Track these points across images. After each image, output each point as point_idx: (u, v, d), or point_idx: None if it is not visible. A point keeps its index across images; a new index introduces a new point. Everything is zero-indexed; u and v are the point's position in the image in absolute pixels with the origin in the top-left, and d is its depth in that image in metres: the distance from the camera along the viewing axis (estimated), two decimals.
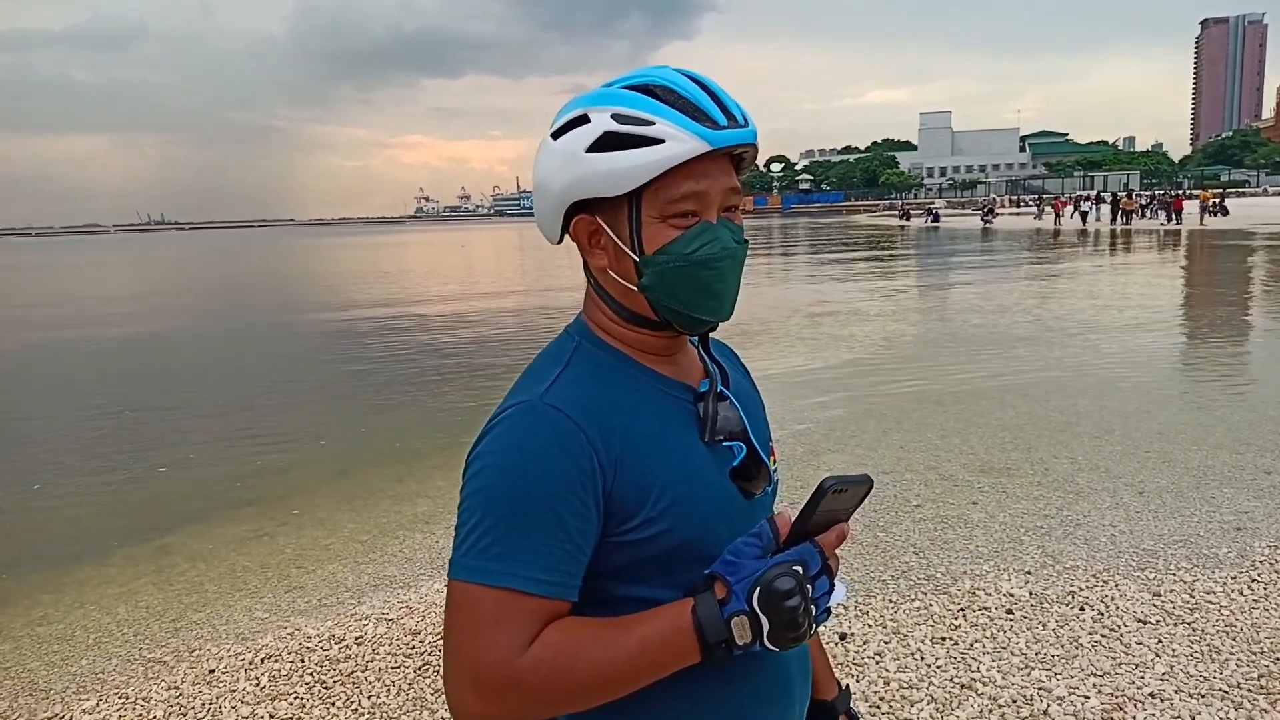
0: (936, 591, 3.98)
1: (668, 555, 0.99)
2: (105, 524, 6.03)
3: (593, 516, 0.96)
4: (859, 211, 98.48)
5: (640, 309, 1.05)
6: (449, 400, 9.69)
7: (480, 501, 0.95)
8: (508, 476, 0.94)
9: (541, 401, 0.98)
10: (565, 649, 0.92)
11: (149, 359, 14.26)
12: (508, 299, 21.46)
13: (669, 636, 0.93)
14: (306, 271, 40.68)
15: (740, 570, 0.93)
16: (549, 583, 0.93)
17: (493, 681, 0.90)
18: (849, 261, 28.86)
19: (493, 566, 0.92)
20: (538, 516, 0.93)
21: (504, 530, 0.93)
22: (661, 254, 1.00)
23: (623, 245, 1.02)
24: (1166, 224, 39.57)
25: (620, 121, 0.97)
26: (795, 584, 0.90)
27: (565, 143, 1.01)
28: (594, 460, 0.95)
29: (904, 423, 7.26)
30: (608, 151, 0.98)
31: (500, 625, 0.91)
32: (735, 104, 1.02)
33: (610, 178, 0.98)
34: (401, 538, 5.30)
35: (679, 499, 0.99)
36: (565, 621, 0.95)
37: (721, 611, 0.92)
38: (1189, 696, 3.01)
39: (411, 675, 3.48)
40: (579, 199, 1.02)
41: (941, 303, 16.73)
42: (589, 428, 0.96)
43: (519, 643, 0.91)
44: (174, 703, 3.39)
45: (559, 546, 0.93)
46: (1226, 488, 5.22)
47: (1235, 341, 11.27)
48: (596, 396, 1.00)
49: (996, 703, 3.04)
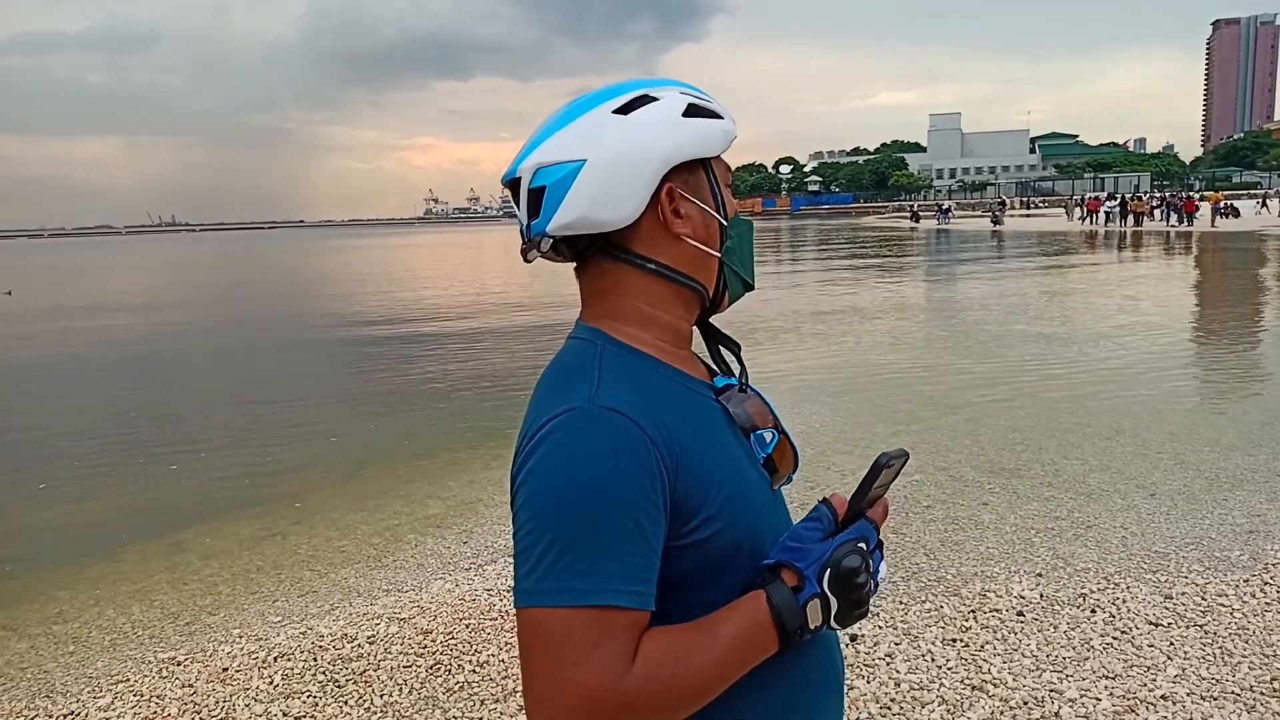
0: (947, 593, 3.98)
1: (726, 553, 0.97)
2: (118, 522, 6.07)
3: (663, 519, 0.92)
4: (868, 213, 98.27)
5: (707, 279, 1.08)
6: (459, 402, 9.71)
7: (551, 518, 0.89)
8: (579, 486, 0.88)
9: (597, 405, 0.93)
10: (667, 661, 0.88)
11: (158, 360, 14.33)
12: (517, 301, 21.49)
13: (752, 631, 0.92)
14: (316, 274, 40.81)
15: (808, 555, 0.94)
16: (639, 594, 0.89)
17: (603, 709, 0.85)
18: (858, 264, 28.81)
19: (580, 585, 0.86)
20: (617, 525, 0.88)
21: (586, 544, 0.87)
22: (740, 217, 1.10)
23: (709, 210, 1.06)
24: (1178, 226, 39.39)
25: (690, 95, 1.05)
26: (862, 560, 0.94)
27: (654, 111, 1.02)
28: (659, 462, 0.92)
29: (913, 424, 7.26)
30: (699, 119, 1.04)
31: (599, 648, 0.85)
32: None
33: (707, 140, 1.04)
34: (413, 540, 5.32)
35: (733, 495, 0.98)
36: (655, 632, 0.90)
37: (796, 598, 0.93)
38: (1201, 699, 3.01)
39: (423, 674, 3.50)
40: (682, 160, 1.03)
41: (951, 303, 16.68)
42: (650, 429, 0.93)
43: (622, 662, 0.86)
44: (188, 700, 3.42)
45: (641, 554, 0.89)
46: (1239, 490, 5.21)
47: (1248, 343, 11.22)
48: (645, 397, 0.97)
49: (1008, 704, 3.04)
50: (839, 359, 10.89)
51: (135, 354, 15.10)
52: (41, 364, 14.31)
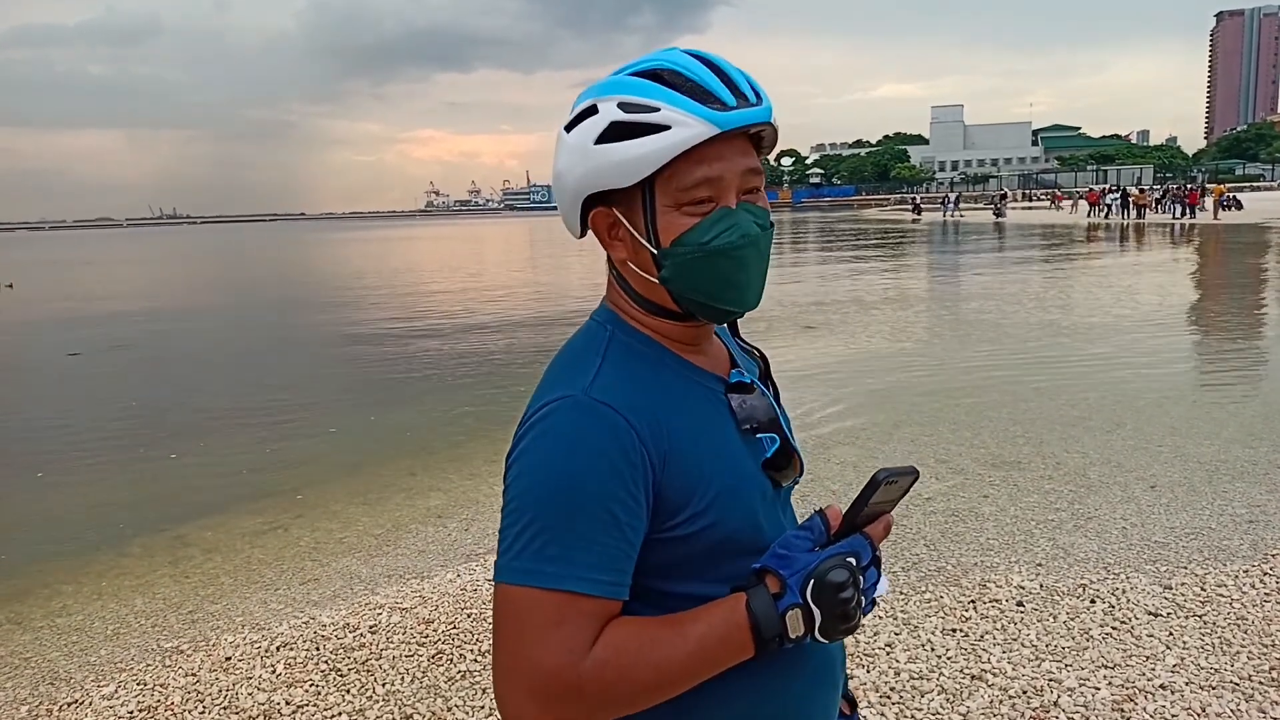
0: (947, 583, 4.00)
1: (713, 549, 0.98)
2: (121, 514, 6.09)
3: (643, 513, 0.93)
4: (870, 205, 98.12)
5: (663, 301, 1.02)
6: (460, 393, 9.73)
7: (531, 501, 0.91)
8: (560, 474, 0.91)
9: (588, 396, 0.94)
10: (627, 650, 0.90)
11: (159, 352, 14.35)
12: (518, 293, 21.49)
13: (725, 632, 0.91)
14: (317, 267, 40.81)
15: (793, 563, 0.92)
16: (607, 583, 0.91)
17: (556, 688, 0.87)
18: (860, 256, 28.78)
19: (549, 569, 0.89)
20: (593, 515, 0.90)
21: (559, 530, 0.90)
22: (678, 244, 0.97)
23: (639, 237, 0.99)
24: (1180, 218, 39.32)
25: (626, 110, 0.95)
26: (849, 576, 0.90)
27: (576, 136, 0.98)
28: (644, 457, 0.93)
29: (915, 416, 7.27)
30: (616, 142, 0.95)
31: (559, 628, 0.88)
32: (746, 81, 0.99)
33: (620, 169, 0.95)
34: (414, 530, 5.34)
35: (724, 491, 0.97)
36: (622, 621, 0.92)
37: (776, 606, 0.91)
38: (1200, 688, 3.02)
39: (425, 663, 3.51)
40: (592, 192, 0.99)
41: (953, 296, 16.68)
42: (638, 424, 0.94)
43: (580, 646, 0.88)
44: (191, 689, 3.44)
45: (615, 545, 0.91)
46: (1239, 481, 5.21)
47: (1249, 335, 11.22)
48: (640, 390, 0.97)
49: (1007, 693, 3.05)
50: (840, 350, 10.88)
51: (136, 346, 15.11)
52: (42, 357, 14.33)
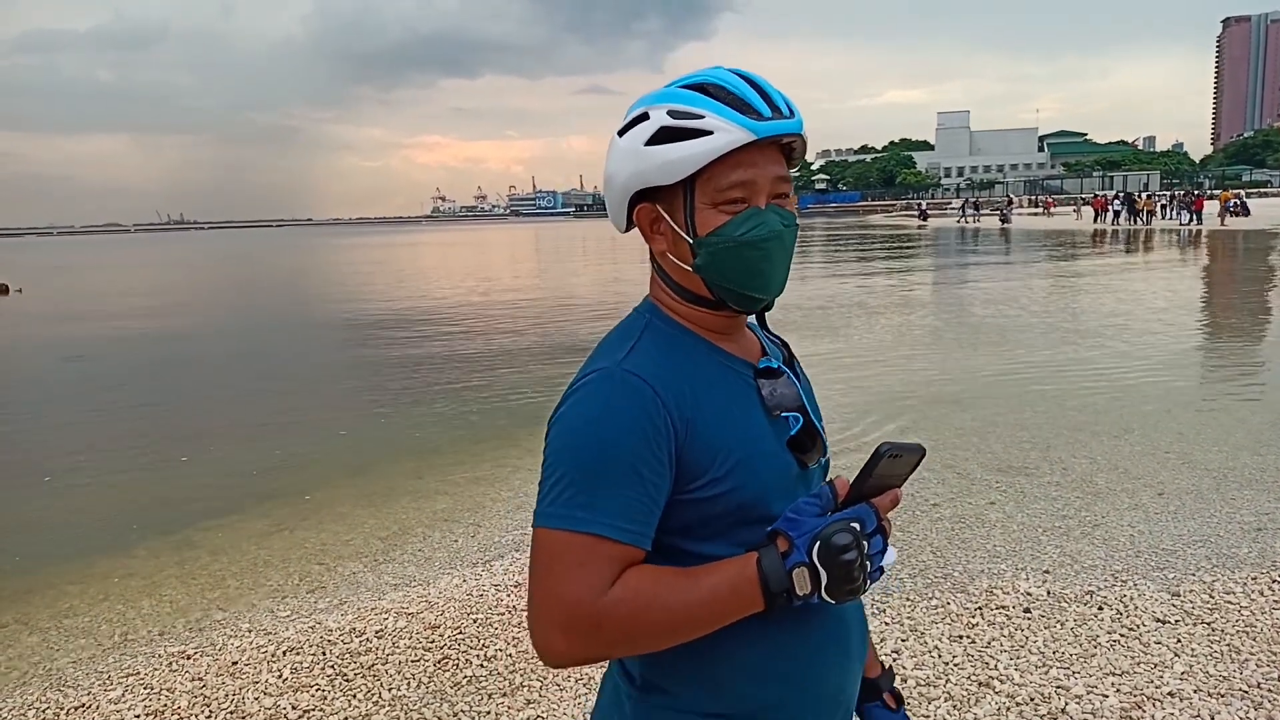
0: (954, 590, 3.99)
1: (730, 514, 1.08)
2: (128, 516, 6.10)
3: (666, 473, 1.05)
4: (875, 211, 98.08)
5: (697, 289, 1.14)
6: (468, 398, 9.74)
7: (566, 457, 1.04)
8: (591, 434, 1.04)
9: (620, 368, 1.08)
10: (643, 591, 1.01)
11: (168, 355, 14.39)
12: (525, 296, 21.52)
13: (736, 585, 1.02)
14: (325, 271, 40.90)
15: (801, 526, 1.02)
16: (627, 530, 1.02)
17: (577, 620, 1.00)
18: (865, 262, 28.76)
19: (578, 514, 1.01)
20: (618, 470, 1.02)
21: (588, 482, 1.02)
22: (713, 236, 1.09)
23: (679, 229, 1.12)
24: (1186, 224, 39.22)
25: (674, 117, 1.08)
26: (852, 539, 0.98)
27: (628, 139, 1.11)
28: (668, 422, 1.05)
29: (921, 421, 7.26)
30: (664, 144, 1.08)
31: (584, 568, 1.00)
32: (782, 98, 1.11)
33: (666, 168, 1.08)
34: (421, 534, 5.34)
35: (741, 462, 1.08)
36: (642, 568, 1.04)
37: (784, 563, 1.01)
38: (1208, 696, 3.01)
39: (431, 668, 3.52)
40: (639, 189, 1.13)
41: (958, 300, 16.65)
42: (664, 392, 1.06)
43: (601, 584, 1.00)
44: (198, 694, 3.44)
45: (636, 499, 1.03)
46: (1247, 489, 5.19)
47: (1256, 342, 11.18)
48: (668, 366, 1.10)
49: (1014, 700, 3.04)
50: (845, 355, 10.87)
51: (145, 349, 15.16)
52: (51, 360, 14.38)
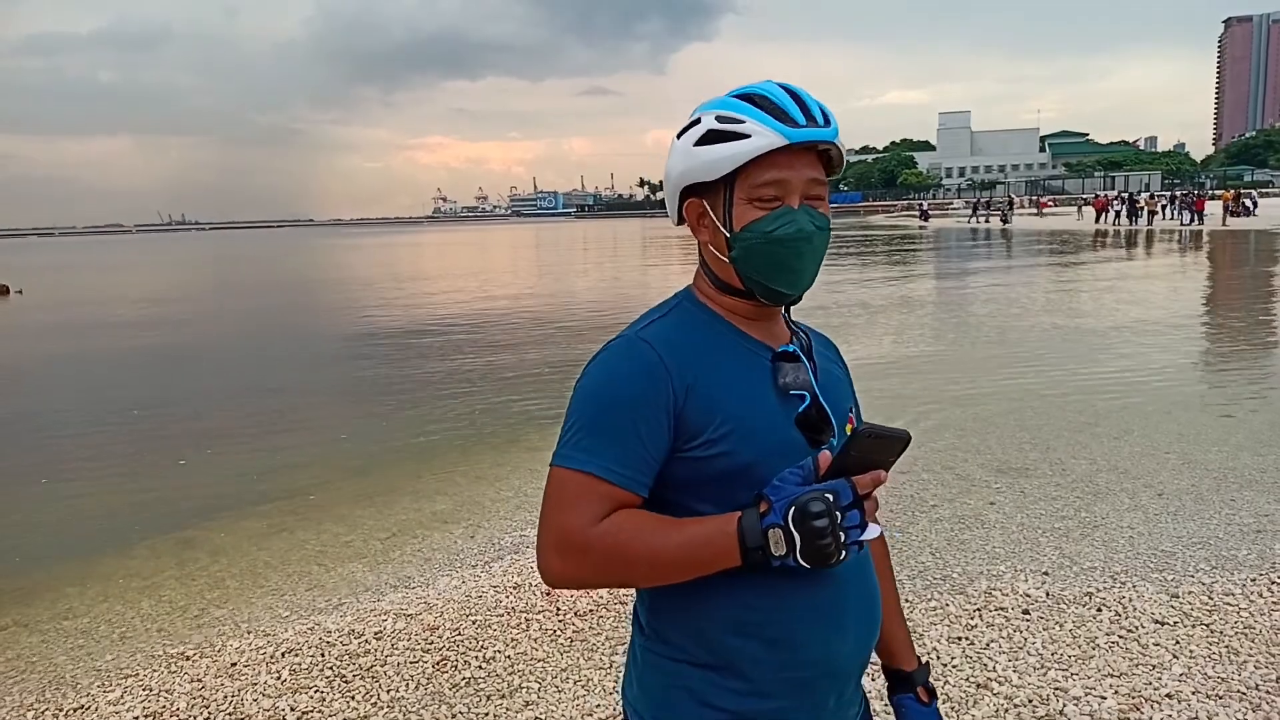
0: (953, 591, 3.98)
1: (725, 476, 1.19)
2: (127, 517, 6.11)
3: (664, 429, 1.18)
4: (876, 212, 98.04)
5: (731, 279, 1.26)
6: (468, 400, 9.74)
7: (577, 407, 1.21)
8: (598, 389, 1.21)
9: (636, 335, 1.24)
10: (628, 528, 1.15)
11: (167, 357, 14.40)
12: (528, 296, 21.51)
13: (715, 537, 1.13)
14: (326, 272, 40.92)
15: (781, 492, 1.11)
16: (620, 474, 1.16)
17: (570, 544, 1.15)
18: (866, 262, 28.75)
19: (579, 455, 1.17)
20: (619, 423, 1.17)
21: (590, 430, 1.18)
22: (746, 230, 1.21)
23: (718, 223, 1.24)
24: (1188, 224, 39.20)
25: (721, 121, 1.20)
26: (825, 508, 1.07)
27: (684, 141, 1.24)
28: (669, 384, 1.18)
29: (921, 422, 7.25)
30: (709, 145, 1.20)
31: (579, 501, 1.15)
32: (820, 109, 1.22)
33: (710, 166, 1.21)
34: (420, 535, 5.34)
35: (738, 428, 1.19)
36: (634, 511, 1.17)
37: (761, 522, 1.10)
38: (1206, 698, 3.00)
39: (430, 670, 3.52)
40: (688, 184, 1.25)
41: (959, 301, 16.64)
42: (668, 357, 1.20)
43: (593, 516, 1.15)
44: (197, 695, 3.44)
45: (634, 449, 1.17)
46: (1247, 490, 5.19)
47: (1257, 342, 11.17)
48: (682, 337, 1.24)
49: (1012, 702, 3.04)
50: (845, 354, 10.84)
51: (144, 350, 15.18)
52: (51, 361, 14.39)
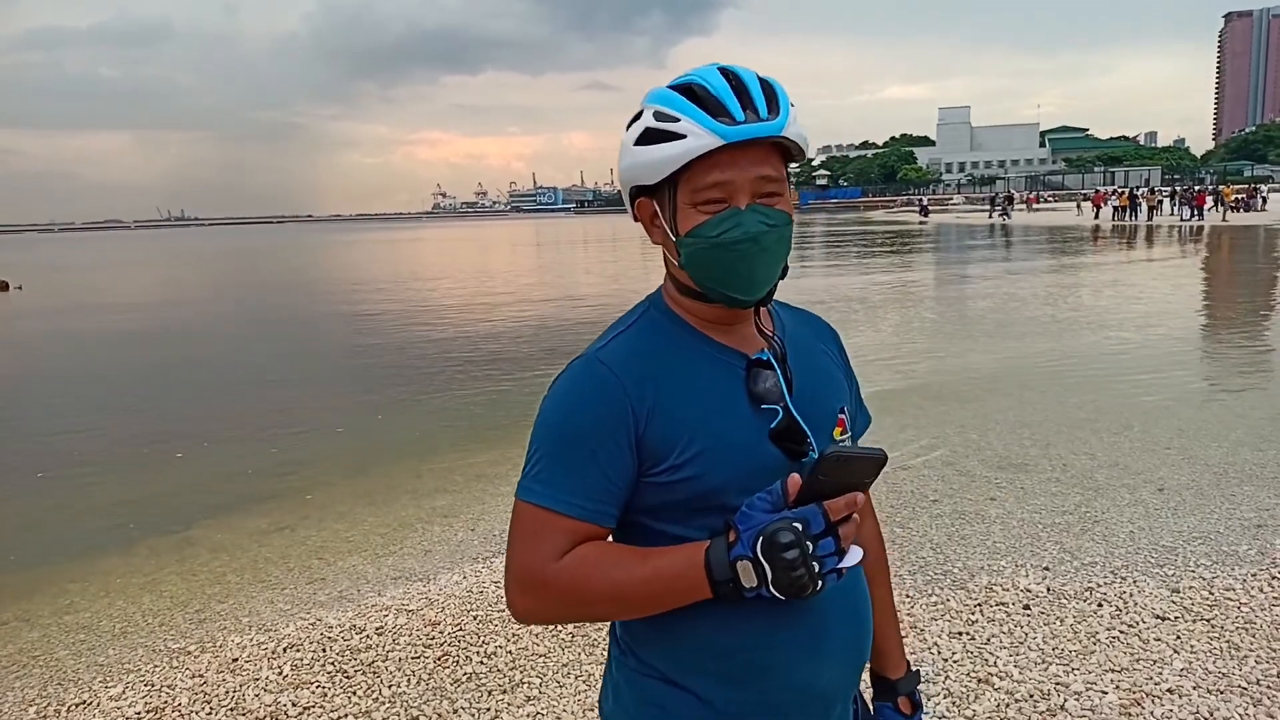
0: (954, 587, 3.99)
1: (694, 500, 1.13)
2: (128, 515, 6.11)
3: (626, 456, 1.12)
4: (876, 207, 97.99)
5: (688, 283, 1.17)
6: (467, 395, 9.74)
7: (536, 436, 1.15)
8: (556, 417, 1.14)
9: (595, 356, 1.17)
10: (589, 562, 1.09)
11: (166, 353, 14.38)
12: (525, 291, 21.50)
13: (683, 569, 1.07)
14: (325, 268, 40.89)
15: (750, 521, 1.05)
16: (580, 506, 1.10)
17: (530, 581, 1.10)
18: (866, 257, 28.74)
19: (537, 488, 1.12)
20: (577, 452, 1.11)
21: (549, 461, 1.12)
22: (690, 236, 1.12)
23: (665, 227, 1.16)
24: (1188, 219, 39.18)
25: (658, 119, 1.11)
26: (794, 538, 1.00)
27: (626, 136, 1.16)
28: (628, 408, 1.12)
29: (921, 418, 7.25)
30: (647, 145, 1.12)
31: (538, 537, 1.10)
32: (763, 99, 1.10)
33: (648, 168, 1.12)
34: (421, 530, 5.35)
35: (706, 450, 1.12)
36: (597, 543, 1.12)
37: (729, 554, 1.04)
38: (1207, 692, 3.01)
39: (431, 665, 3.52)
40: (632, 185, 1.17)
41: (958, 296, 16.64)
42: (628, 380, 1.13)
43: (552, 552, 1.09)
44: (198, 690, 3.45)
45: (593, 479, 1.11)
46: (1247, 485, 5.19)
47: (1257, 337, 11.17)
48: (644, 355, 1.16)
49: (1013, 697, 3.04)
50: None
51: (143, 345, 15.16)
52: (51, 356, 14.39)
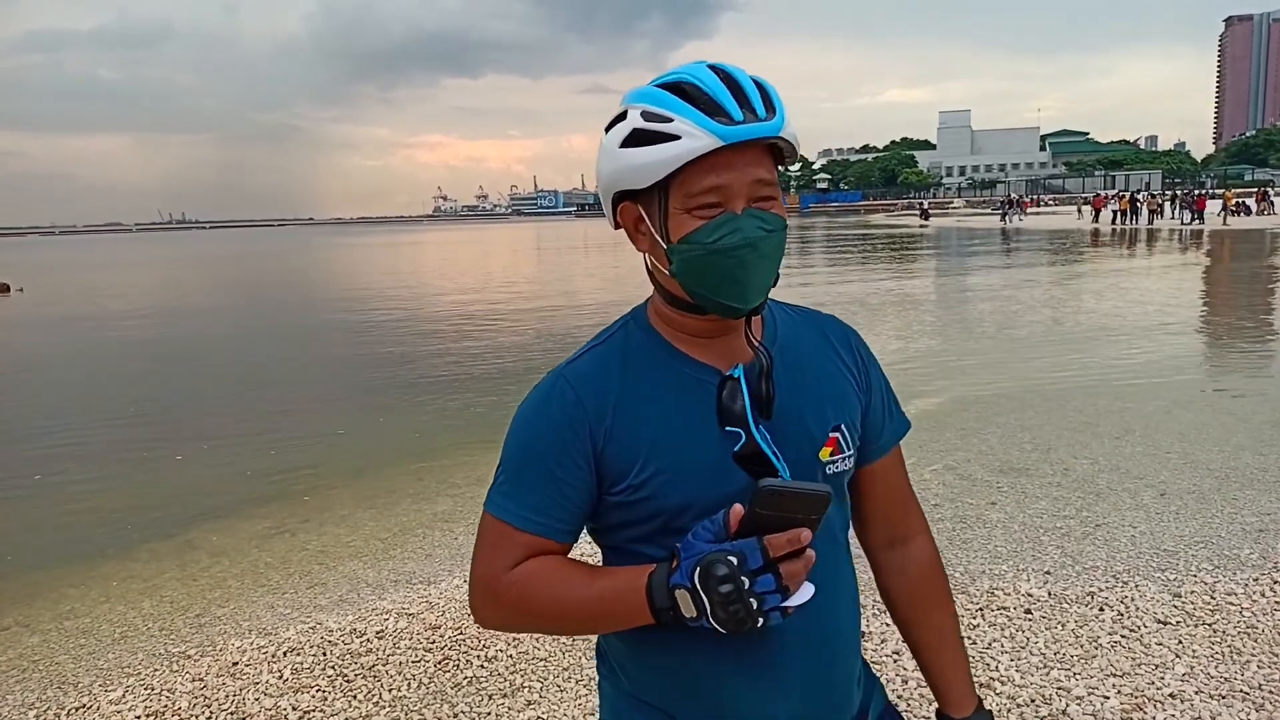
0: (955, 591, 3.98)
1: (652, 519, 1.12)
2: (127, 518, 6.10)
3: (585, 474, 1.12)
4: (877, 211, 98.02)
5: (678, 292, 1.12)
6: (468, 398, 9.73)
7: (504, 449, 1.17)
8: (520, 433, 1.16)
9: (561, 373, 1.16)
10: (536, 576, 1.11)
11: (166, 356, 14.38)
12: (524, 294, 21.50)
13: (625, 593, 1.06)
14: (327, 271, 40.90)
15: (691, 549, 1.02)
16: (535, 522, 1.12)
17: (484, 591, 1.14)
18: (867, 261, 28.74)
19: (498, 501, 1.14)
20: (536, 470, 1.12)
21: (511, 476, 1.14)
22: (684, 242, 1.06)
23: (655, 233, 1.10)
24: (1188, 223, 39.18)
25: (647, 119, 1.04)
26: (729, 572, 0.96)
27: (609, 138, 1.09)
28: (586, 426, 1.12)
29: (922, 421, 7.24)
30: (635, 147, 1.05)
31: (495, 549, 1.13)
32: (759, 98, 1.05)
33: (638, 172, 1.06)
34: (421, 534, 5.34)
35: (663, 471, 1.10)
36: (550, 558, 1.13)
37: (668, 581, 1.02)
38: (1209, 697, 3.00)
39: (432, 669, 3.51)
40: (617, 190, 1.11)
41: (959, 300, 16.64)
42: (588, 398, 1.12)
43: (505, 564, 1.12)
44: (198, 694, 3.44)
45: (550, 495, 1.12)
46: (1249, 489, 5.18)
47: (1258, 342, 11.16)
48: (609, 373, 1.15)
49: (1015, 702, 3.04)
50: None
51: (143, 348, 15.16)
52: (51, 359, 14.39)
